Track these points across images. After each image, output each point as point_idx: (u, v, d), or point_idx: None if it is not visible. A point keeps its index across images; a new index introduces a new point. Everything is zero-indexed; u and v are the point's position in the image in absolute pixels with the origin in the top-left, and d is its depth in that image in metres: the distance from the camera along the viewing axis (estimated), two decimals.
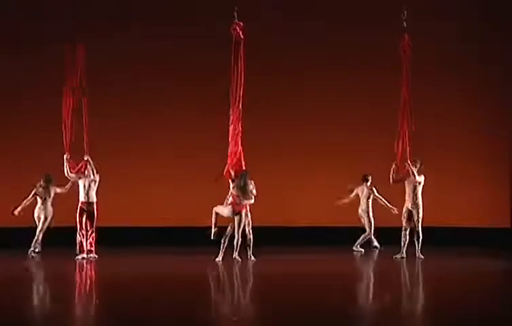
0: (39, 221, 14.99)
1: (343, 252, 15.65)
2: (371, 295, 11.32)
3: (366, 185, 15.96)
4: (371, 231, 15.96)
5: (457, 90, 17.38)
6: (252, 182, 14.19)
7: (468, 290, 11.72)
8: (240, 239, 14.01)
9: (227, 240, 14.22)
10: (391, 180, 14.94)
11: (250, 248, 14.33)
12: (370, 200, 15.92)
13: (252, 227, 14.33)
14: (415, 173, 14.66)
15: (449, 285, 12.14)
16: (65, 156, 14.55)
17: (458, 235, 16.63)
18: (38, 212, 15.00)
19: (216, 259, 14.06)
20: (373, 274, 13.87)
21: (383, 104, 16.67)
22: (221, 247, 14.15)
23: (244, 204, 13.94)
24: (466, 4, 17.51)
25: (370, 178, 15.93)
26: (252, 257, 14.32)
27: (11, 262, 14.42)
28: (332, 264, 14.51)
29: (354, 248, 15.97)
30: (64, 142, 14.55)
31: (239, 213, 13.91)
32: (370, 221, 15.92)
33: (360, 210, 15.99)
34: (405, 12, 14.71)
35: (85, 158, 14.55)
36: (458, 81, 17.38)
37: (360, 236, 15.99)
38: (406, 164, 14.76)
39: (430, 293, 11.55)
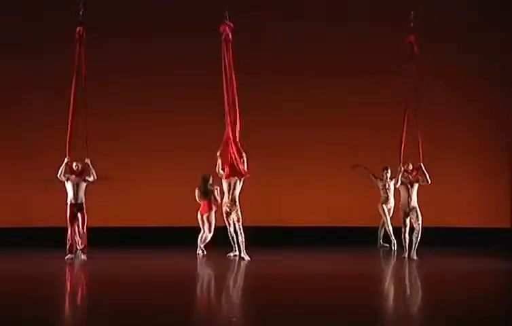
0: None
1: (343, 253, 15.63)
2: (370, 295, 11.29)
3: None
4: (384, 223, 16.05)
5: (457, 90, 17.38)
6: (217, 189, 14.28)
7: (468, 290, 11.72)
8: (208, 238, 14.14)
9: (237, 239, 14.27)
10: (398, 183, 14.85)
11: (242, 246, 14.17)
12: (382, 192, 15.98)
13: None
14: (426, 174, 14.65)
15: (449, 285, 12.14)
16: (66, 160, 14.21)
17: (458, 235, 16.64)
18: None
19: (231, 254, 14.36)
20: (372, 274, 13.83)
21: (383, 105, 16.70)
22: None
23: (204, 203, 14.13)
24: (466, 3, 17.50)
25: (384, 171, 15.93)
26: (246, 256, 14.14)
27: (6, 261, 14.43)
28: (332, 265, 14.49)
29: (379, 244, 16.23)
30: (67, 144, 14.24)
31: (206, 215, 14.12)
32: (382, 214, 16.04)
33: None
34: (412, 12, 14.72)
35: (86, 161, 14.34)
36: (457, 81, 17.37)
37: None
38: (420, 165, 14.72)
39: (430, 293, 11.54)
